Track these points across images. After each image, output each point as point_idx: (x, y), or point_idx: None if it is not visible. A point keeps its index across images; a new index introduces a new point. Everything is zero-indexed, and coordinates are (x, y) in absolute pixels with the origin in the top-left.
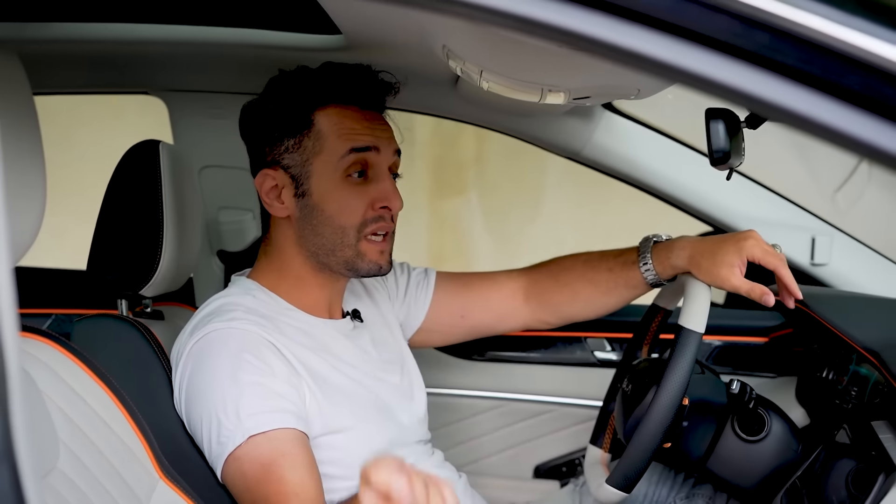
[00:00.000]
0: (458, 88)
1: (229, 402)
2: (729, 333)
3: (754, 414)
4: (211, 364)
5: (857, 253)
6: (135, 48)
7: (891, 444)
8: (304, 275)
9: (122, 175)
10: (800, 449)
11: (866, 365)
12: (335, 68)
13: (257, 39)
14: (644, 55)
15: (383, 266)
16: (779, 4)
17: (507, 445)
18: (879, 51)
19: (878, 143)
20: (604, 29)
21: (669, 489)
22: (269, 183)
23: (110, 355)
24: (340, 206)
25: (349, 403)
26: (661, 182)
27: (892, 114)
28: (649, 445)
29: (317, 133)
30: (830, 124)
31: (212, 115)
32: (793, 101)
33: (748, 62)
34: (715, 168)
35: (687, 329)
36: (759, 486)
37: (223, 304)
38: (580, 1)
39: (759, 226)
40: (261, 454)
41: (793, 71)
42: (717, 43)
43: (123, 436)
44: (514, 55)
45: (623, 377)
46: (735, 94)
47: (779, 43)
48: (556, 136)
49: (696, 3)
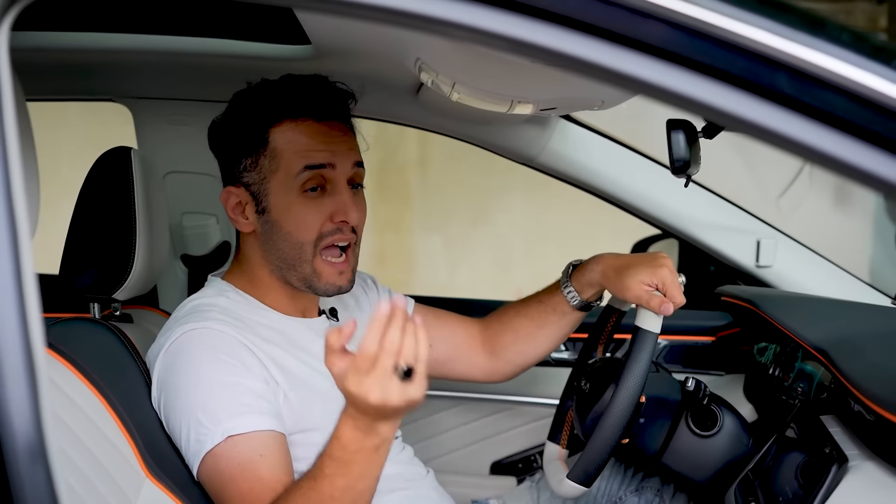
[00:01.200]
0: (420, 97)
1: (208, 402)
2: (678, 333)
3: (707, 410)
4: (188, 363)
5: (800, 255)
6: (102, 57)
7: (841, 437)
8: (273, 284)
9: (95, 181)
10: (750, 443)
11: (812, 362)
12: (289, 83)
13: (224, 49)
14: (612, 70)
15: (343, 286)
16: (729, 21)
17: (466, 442)
18: (818, 61)
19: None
20: (577, 46)
21: (620, 483)
22: (233, 200)
23: (89, 358)
24: (297, 221)
25: (321, 401)
26: (614, 188)
27: (822, 117)
28: (609, 441)
29: (272, 151)
30: (774, 129)
31: (176, 121)
32: (741, 108)
33: (703, 74)
34: (675, 176)
35: (643, 329)
36: (712, 480)
37: (199, 304)
38: (558, 21)
39: (707, 229)
40: (239, 453)
41: (741, 81)
42: (674, 56)
43: (112, 436)
44: (487, 69)
45: (580, 376)
46: (692, 103)
47: (729, 55)
48: (513, 143)
49: (658, 19)
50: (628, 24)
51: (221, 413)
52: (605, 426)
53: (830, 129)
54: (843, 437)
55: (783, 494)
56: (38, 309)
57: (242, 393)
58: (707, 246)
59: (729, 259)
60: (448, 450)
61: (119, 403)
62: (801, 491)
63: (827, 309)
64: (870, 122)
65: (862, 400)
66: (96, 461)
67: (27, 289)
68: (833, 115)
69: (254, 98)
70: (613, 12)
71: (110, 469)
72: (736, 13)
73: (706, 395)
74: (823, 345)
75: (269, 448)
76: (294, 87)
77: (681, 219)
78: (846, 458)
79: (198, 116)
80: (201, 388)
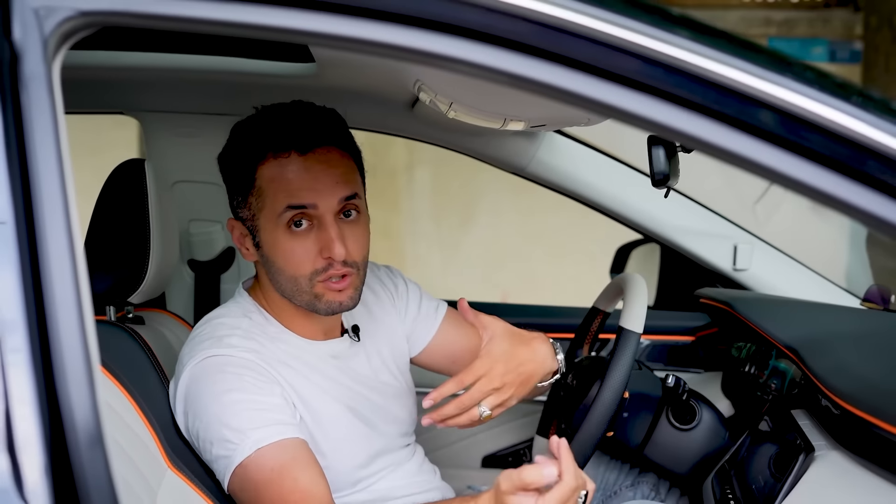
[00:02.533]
0: (416, 111)
1: (232, 419)
2: (659, 333)
3: (686, 405)
4: (211, 387)
5: (775, 259)
6: (116, 73)
7: (809, 429)
8: (286, 307)
9: (111, 191)
10: (727, 436)
11: (785, 361)
12: (273, 113)
13: (231, 67)
14: (590, 98)
15: (344, 302)
16: (695, 56)
17: (458, 438)
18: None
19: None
20: (567, 80)
21: (616, 476)
22: (236, 231)
23: (112, 358)
24: (287, 258)
25: (335, 425)
26: (600, 196)
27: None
28: (595, 433)
29: (258, 190)
30: (735, 151)
31: (184, 133)
32: (706, 133)
33: (668, 101)
34: (656, 188)
35: (627, 330)
36: (691, 472)
37: (222, 323)
38: (549, 58)
39: (687, 234)
40: (271, 460)
41: (705, 109)
42: (643, 86)
43: (137, 430)
44: (483, 91)
45: (567, 374)
46: (658, 127)
47: (694, 86)
48: (504, 153)
49: (627, 52)
50: (610, 61)
51: (247, 427)
52: (591, 420)
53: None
54: (811, 430)
55: (756, 483)
56: (91, 312)
57: (266, 408)
58: (686, 250)
59: (707, 263)
60: (441, 445)
61: (141, 400)
62: (772, 479)
63: (798, 310)
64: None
65: (829, 395)
66: (123, 452)
67: (84, 297)
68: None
69: (243, 133)
70: (598, 50)
71: (136, 459)
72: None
73: (685, 391)
74: (794, 344)
75: (299, 452)
76: (277, 120)
77: (662, 225)
78: (813, 447)
79: (205, 129)
80: (226, 408)
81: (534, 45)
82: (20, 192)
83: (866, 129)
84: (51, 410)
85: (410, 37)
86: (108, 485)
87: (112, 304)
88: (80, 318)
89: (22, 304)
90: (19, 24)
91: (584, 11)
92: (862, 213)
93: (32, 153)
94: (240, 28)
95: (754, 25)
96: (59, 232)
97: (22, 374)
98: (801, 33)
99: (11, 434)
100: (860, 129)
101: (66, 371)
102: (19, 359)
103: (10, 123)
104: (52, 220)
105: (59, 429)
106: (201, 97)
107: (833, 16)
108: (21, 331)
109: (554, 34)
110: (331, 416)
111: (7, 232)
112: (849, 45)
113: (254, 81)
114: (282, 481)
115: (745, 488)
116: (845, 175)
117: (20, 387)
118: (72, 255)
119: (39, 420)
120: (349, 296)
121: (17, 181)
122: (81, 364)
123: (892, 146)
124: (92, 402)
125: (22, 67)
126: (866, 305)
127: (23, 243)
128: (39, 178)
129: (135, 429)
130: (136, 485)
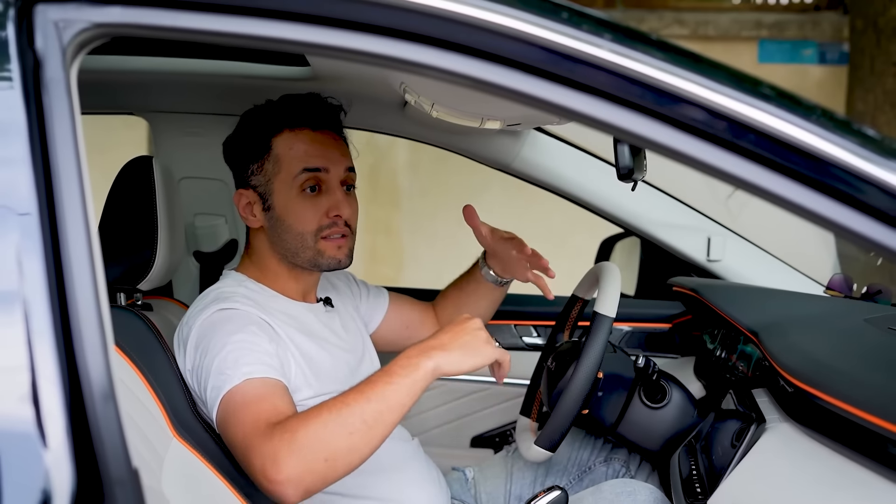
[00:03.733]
0: (406, 111)
1: (230, 355)
2: (638, 321)
3: (657, 385)
4: (219, 332)
5: (746, 250)
6: (126, 76)
7: (766, 406)
8: (280, 272)
9: (122, 186)
10: (696, 414)
11: (751, 345)
12: (289, 99)
13: (233, 70)
14: (555, 104)
15: (342, 260)
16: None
17: (448, 420)
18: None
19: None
20: (534, 87)
21: (590, 453)
22: (244, 201)
23: (122, 337)
24: (298, 216)
25: (329, 372)
26: (580, 191)
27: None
28: (571, 411)
29: (275, 157)
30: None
31: (190, 132)
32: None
33: (629, 108)
34: (621, 181)
35: (600, 314)
36: (662, 448)
37: (223, 291)
38: (516, 67)
39: (663, 228)
40: (255, 389)
41: (653, 112)
42: (602, 92)
43: (145, 401)
44: (459, 93)
45: (548, 357)
46: (617, 130)
47: (650, 94)
48: (489, 151)
49: (590, 64)
50: (582, 73)
51: (241, 361)
52: (566, 398)
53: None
54: (767, 406)
55: (716, 454)
56: (106, 293)
57: (261, 352)
58: (663, 242)
59: (683, 254)
60: (431, 426)
61: (151, 376)
62: (731, 451)
63: (761, 297)
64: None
65: (781, 373)
66: (133, 422)
67: (99, 278)
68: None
69: (259, 114)
70: (570, 64)
71: (144, 429)
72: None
73: (655, 371)
74: (755, 327)
75: (281, 389)
76: (293, 103)
77: (639, 219)
78: (765, 420)
79: (209, 128)
80: (227, 346)
81: (492, 52)
82: (43, 185)
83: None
84: (70, 372)
85: (388, 46)
86: (118, 432)
87: (122, 292)
88: (95, 295)
89: (45, 286)
90: (41, 34)
91: (535, 22)
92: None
93: (53, 150)
94: (238, 38)
95: (746, 28)
96: (78, 222)
97: (45, 340)
98: (791, 35)
99: (36, 393)
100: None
101: (81, 330)
102: (43, 328)
103: (34, 123)
104: (71, 212)
105: (77, 387)
106: (206, 98)
107: (823, 18)
108: (44, 308)
109: (509, 42)
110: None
111: (32, 222)
112: (838, 47)
113: (254, 83)
114: (260, 403)
115: (708, 461)
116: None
117: (43, 353)
118: (88, 242)
119: (59, 379)
120: (346, 254)
121: (41, 176)
122: (96, 326)
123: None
124: (105, 361)
125: (43, 73)
126: (829, 293)
127: (45, 233)
128: (59, 173)
129: (144, 402)
130: (145, 451)
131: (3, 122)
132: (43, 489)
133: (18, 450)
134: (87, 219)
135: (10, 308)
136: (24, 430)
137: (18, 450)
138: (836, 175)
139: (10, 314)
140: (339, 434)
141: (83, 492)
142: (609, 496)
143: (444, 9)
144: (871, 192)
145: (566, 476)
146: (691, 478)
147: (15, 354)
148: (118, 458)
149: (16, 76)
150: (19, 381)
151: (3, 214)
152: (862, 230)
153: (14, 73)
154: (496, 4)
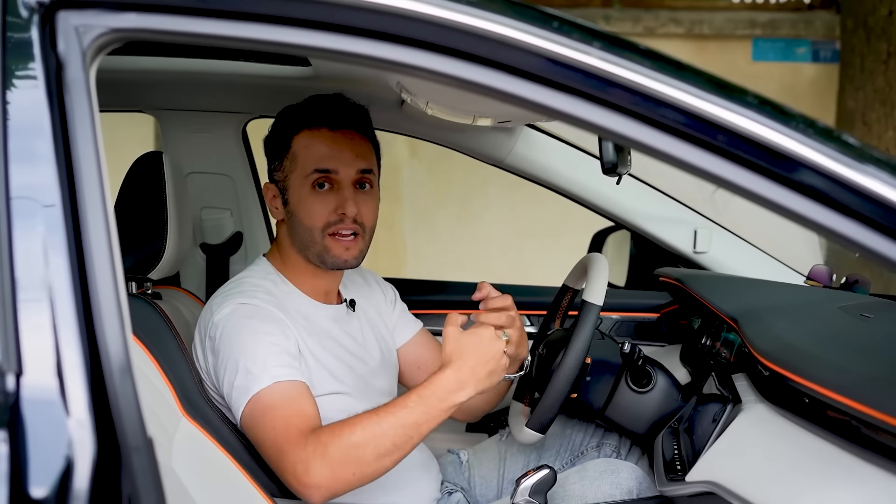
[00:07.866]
0: (403, 109)
1: (258, 355)
2: (627, 310)
3: (643, 370)
4: (241, 327)
5: (731, 243)
6: (137, 76)
7: (744, 389)
8: (299, 264)
9: (133, 180)
10: (680, 398)
11: (734, 333)
12: (312, 100)
13: (239, 70)
14: (539, 103)
15: (349, 260)
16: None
17: None
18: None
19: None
20: (520, 88)
21: (582, 438)
22: (269, 193)
23: (133, 325)
24: (308, 211)
25: (335, 376)
26: (571, 186)
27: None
28: (560, 394)
29: (292, 155)
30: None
31: (197, 129)
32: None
33: (607, 107)
34: (606, 175)
35: (588, 302)
36: (649, 431)
37: (247, 282)
38: (508, 70)
39: (651, 221)
40: (283, 392)
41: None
42: (584, 93)
43: (156, 383)
44: (451, 92)
45: (539, 344)
46: (599, 129)
47: (632, 96)
48: (484, 147)
49: (575, 69)
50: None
51: (269, 363)
52: (556, 382)
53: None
54: (745, 388)
55: (696, 434)
56: (123, 277)
57: (286, 352)
58: (651, 235)
59: (670, 246)
60: None
61: (160, 358)
62: (709, 430)
63: (743, 286)
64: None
65: (757, 357)
66: (144, 402)
67: (116, 262)
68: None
69: (286, 114)
70: (562, 70)
71: (155, 408)
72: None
73: (640, 356)
74: (735, 315)
75: (307, 392)
76: (314, 103)
77: (628, 212)
78: (741, 400)
79: (215, 126)
80: (252, 345)
81: (479, 55)
82: (66, 179)
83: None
84: (91, 349)
85: (382, 50)
86: (135, 404)
87: (133, 281)
88: (114, 279)
89: (69, 271)
90: (63, 39)
91: (520, 28)
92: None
93: (75, 146)
94: (245, 42)
95: (740, 27)
96: (98, 213)
97: (68, 320)
98: (785, 34)
99: (61, 368)
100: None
101: (101, 311)
102: (66, 309)
103: (57, 121)
104: (91, 204)
105: (97, 362)
106: (212, 97)
107: (816, 17)
108: (68, 290)
109: (495, 46)
110: (331, 368)
111: (56, 214)
112: (831, 46)
113: (259, 83)
114: (290, 407)
115: (690, 442)
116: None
117: (67, 332)
118: (108, 231)
119: (81, 355)
120: (354, 255)
121: (64, 170)
122: (114, 308)
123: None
124: (122, 339)
125: (65, 74)
126: (810, 283)
127: (68, 224)
128: (81, 167)
129: (155, 384)
130: (155, 429)
131: (29, 121)
132: (67, 455)
133: (45, 419)
134: (105, 210)
135: (38, 291)
136: (50, 400)
137: (45, 419)
138: (804, 173)
139: (38, 296)
140: (369, 454)
141: (103, 457)
142: (593, 474)
143: (434, 14)
144: (835, 189)
145: (559, 460)
146: (673, 458)
147: (42, 334)
148: (134, 427)
149: (40, 77)
150: (46, 357)
151: (30, 206)
152: (827, 223)
153: (38, 75)
154: (485, 12)
